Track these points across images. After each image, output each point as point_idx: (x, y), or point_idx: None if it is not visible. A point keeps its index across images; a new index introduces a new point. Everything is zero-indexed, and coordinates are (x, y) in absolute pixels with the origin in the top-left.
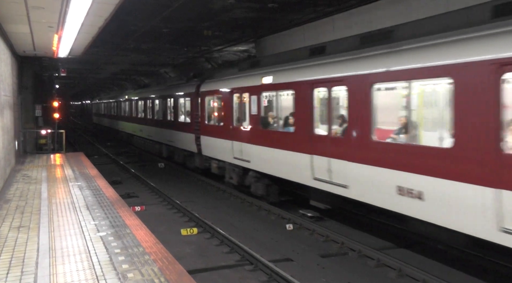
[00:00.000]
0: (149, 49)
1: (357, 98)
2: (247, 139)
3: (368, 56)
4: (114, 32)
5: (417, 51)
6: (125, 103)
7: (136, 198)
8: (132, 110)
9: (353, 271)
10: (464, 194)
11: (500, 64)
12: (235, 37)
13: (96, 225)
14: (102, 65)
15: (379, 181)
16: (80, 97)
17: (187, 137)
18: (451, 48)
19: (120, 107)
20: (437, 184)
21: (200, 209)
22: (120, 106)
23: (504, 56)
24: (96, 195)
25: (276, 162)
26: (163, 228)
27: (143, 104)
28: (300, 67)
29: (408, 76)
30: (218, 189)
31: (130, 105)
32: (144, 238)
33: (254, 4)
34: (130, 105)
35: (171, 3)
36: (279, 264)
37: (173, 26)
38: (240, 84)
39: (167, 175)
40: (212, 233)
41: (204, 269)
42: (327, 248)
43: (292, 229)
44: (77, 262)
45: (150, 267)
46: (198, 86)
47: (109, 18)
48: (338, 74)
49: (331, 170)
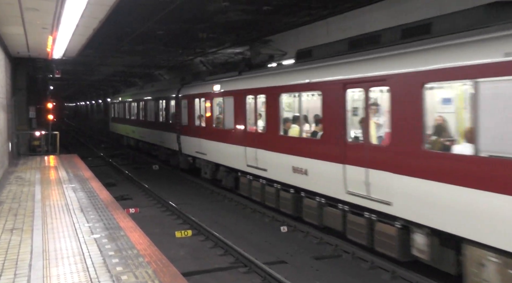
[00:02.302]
0: (144, 51)
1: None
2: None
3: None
4: (109, 33)
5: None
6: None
7: (130, 200)
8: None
9: (347, 273)
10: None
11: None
12: (230, 40)
13: (90, 227)
14: (97, 66)
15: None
16: (75, 99)
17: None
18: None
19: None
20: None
21: (194, 211)
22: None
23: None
24: (90, 197)
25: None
26: (157, 230)
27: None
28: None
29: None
30: (212, 191)
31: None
32: (138, 240)
33: (249, 7)
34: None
35: (166, 5)
36: (273, 266)
37: (168, 28)
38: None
39: (162, 177)
40: (206, 235)
41: (198, 272)
42: (321, 250)
43: (287, 231)
44: (71, 264)
45: (144, 270)
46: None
47: (103, 19)
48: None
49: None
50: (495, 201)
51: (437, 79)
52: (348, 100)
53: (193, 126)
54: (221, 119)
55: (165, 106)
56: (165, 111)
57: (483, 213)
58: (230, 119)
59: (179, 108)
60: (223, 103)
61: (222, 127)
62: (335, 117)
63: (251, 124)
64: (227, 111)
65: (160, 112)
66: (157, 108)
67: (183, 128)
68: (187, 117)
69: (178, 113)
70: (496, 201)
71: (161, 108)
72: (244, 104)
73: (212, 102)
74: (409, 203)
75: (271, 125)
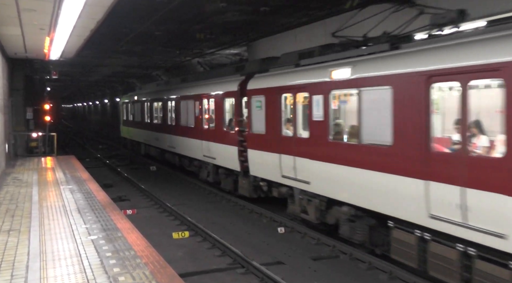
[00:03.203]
0: (141, 52)
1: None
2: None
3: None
4: (106, 34)
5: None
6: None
7: (127, 201)
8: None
9: (344, 274)
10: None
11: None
12: (227, 40)
13: (87, 228)
14: (94, 67)
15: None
16: (72, 100)
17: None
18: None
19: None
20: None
21: (191, 212)
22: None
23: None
24: (87, 199)
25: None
26: (154, 232)
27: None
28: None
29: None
30: (210, 192)
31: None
32: (136, 241)
33: (247, 8)
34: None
35: (163, 6)
36: (271, 267)
37: (166, 29)
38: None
39: (159, 178)
40: (204, 236)
41: (195, 273)
42: (319, 251)
43: (284, 232)
44: (68, 265)
45: (141, 271)
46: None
47: (101, 20)
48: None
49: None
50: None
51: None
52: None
53: (276, 137)
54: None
55: (215, 107)
56: (214, 113)
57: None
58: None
59: (241, 108)
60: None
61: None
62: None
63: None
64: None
65: (203, 114)
66: (198, 110)
67: (252, 139)
68: (262, 122)
69: (241, 116)
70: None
71: (205, 109)
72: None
73: (337, 98)
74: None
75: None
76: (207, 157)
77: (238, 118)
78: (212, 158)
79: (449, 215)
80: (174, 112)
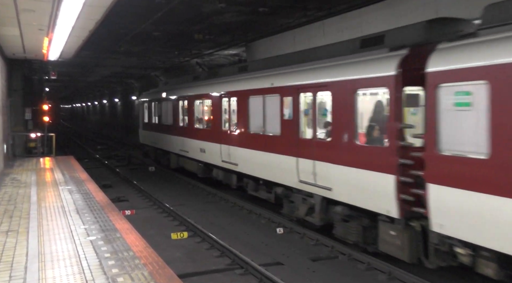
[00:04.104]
0: (140, 52)
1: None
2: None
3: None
4: (105, 35)
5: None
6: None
7: (126, 202)
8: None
9: (343, 274)
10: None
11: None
12: (226, 41)
13: (86, 229)
14: (93, 68)
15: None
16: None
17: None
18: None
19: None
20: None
21: (190, 213)
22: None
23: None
24: (86, 199)
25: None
26: (153, 232)
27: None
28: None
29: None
30: (208, 192)
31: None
32: (134, 242)
33: (245, 8)
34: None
35: (162, 7)
36: (270, 268)
37: (164, 30)
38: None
39: (158, 179)
40: (203, 237)
41: (194, 273)
42: (318, 251)
43: (283, 233)
44: (67, 266)
45: (140, 271)
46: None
47: (100, 21)
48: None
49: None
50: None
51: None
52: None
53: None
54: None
55: (337, 106)
56: (333, 115)
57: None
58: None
59: (400, 107)
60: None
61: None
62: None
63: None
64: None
65: (299, 117)
66: (289, 110)
67: (446, 165)
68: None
69: (402, 120)
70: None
71: (305, 109)
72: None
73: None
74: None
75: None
76: (308, 184)
77: (394, 123)
78: (325, 188)
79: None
80: (240, 113)
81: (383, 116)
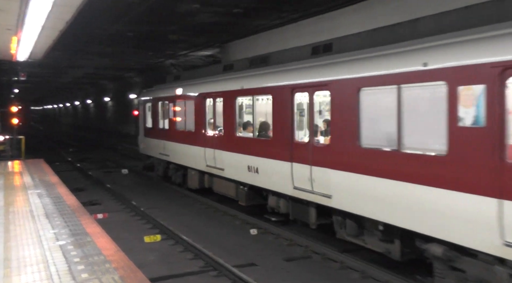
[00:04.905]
0: (114, 53)
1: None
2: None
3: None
4: (77, 35)
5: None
6: None
7: (99, 205)
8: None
9: (317, 274)
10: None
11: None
12: (201, 42)
13: (56, 233)
14: (65, 69)
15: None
16: (42, 102)
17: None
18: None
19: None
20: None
21: (164, 216)
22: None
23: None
24: (56, 203)
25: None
26: (126, 236)
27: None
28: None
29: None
30: (183, 195)
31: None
32: (105, 246)
33: (219, 9)
34: None
35: (135, 7)
36: (244, 269)
37: (138, 30)
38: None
39: (132, 182)
40: (176, 239)
41: (168, 276)
42: (292, 252)
43: (257, 234)
44: (34, 272)
45: (111, 276)
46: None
47: (70, 21)
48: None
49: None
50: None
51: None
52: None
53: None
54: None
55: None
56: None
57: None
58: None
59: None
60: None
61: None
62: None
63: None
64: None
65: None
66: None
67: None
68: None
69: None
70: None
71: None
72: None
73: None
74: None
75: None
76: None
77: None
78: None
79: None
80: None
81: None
